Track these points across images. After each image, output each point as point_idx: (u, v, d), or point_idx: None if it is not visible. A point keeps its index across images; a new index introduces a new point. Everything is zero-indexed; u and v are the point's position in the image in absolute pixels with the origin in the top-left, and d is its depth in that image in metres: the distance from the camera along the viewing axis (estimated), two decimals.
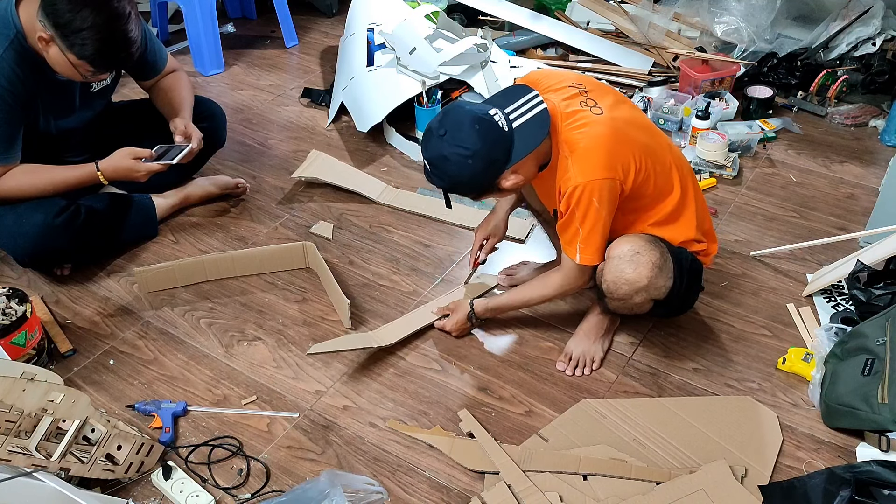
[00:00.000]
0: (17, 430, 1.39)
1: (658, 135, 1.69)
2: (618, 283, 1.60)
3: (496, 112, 1.52)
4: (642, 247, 1.58)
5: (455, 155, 1.50)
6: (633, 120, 1.63)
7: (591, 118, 1.56)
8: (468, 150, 1.49)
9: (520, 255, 2.12)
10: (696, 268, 1.71)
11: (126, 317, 1.95)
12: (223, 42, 3.14)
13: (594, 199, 1.53)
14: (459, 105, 1.56)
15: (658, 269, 1.58)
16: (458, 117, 1.52)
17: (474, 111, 1.52)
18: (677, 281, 1.63)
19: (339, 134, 2.70)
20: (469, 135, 1.49)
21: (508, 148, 1.52)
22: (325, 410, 1.70)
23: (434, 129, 1.54)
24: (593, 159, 1.53)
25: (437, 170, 1.55)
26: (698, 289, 1.78)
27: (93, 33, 1.68)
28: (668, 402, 1.69)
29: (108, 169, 1.95)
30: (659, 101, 2.68)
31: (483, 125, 1.50)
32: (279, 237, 2.22)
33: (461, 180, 1.55)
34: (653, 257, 1.58)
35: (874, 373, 1.57)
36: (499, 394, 1.73)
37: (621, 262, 1.59)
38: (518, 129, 1.53)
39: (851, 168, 2.48)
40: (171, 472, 1.53)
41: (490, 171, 1.53)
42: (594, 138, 1.54)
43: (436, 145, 1.53)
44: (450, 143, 1.51)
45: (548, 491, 1.47)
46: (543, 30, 3.02)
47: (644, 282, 1.57)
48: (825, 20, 2.92)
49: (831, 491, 1.39)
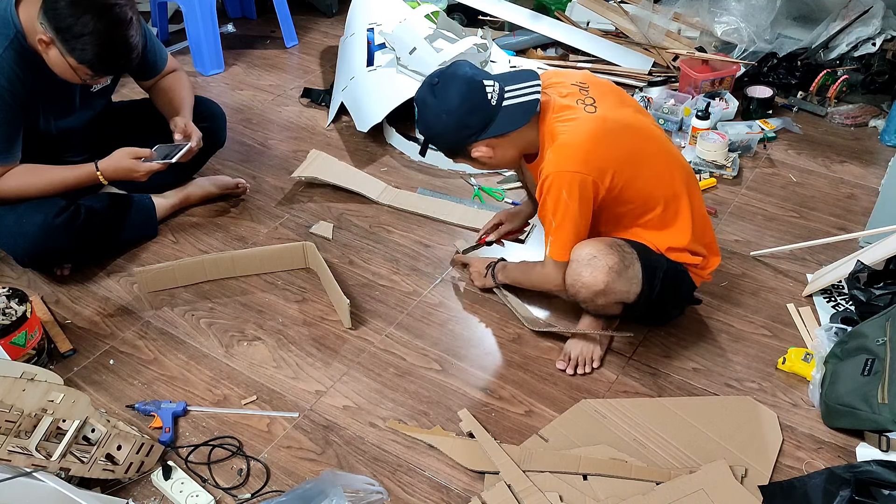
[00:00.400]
0: (17, 430, 1.39)
1: (659, 141, 1.68)
2: (576, 286, 1.64)
3: (493, 84, 1.57)
4: (600, 251, 1.60)
5: (434, 106, 1.58)
6: (631, 123, 1.63)
7: (580, 115, 1.58)
8: (445, 106, 1.56)
9: (519, 254, 2.12)
10: (677, 277, 1.70)
11: (126, 317, 1.95)
12: (223, 42, 3.13)
13: (563, 190, 1.55)
14: (463, 64, 1.61)
15: (616, 274, 1.59)
16: (455, 74, 1.58)
17: (470, 74, 1.57)
18: (646, 287, 1.63)
19: (339, 134, 2.70)
20: (453, 93, 1.56)
21: (487, 120, 1.57)
22: (325, 410, 1.70)
23: (432, 75, 1.61)
24: (569, 152, 1.55)
25: (419, 113, 1.63)
26: (680, 301, 1.79)
27: (93, 39, 1.68)
28: (668, 402, 1.69)
29: (108, 169, 1.95)
30: (659, 101, 2.68)
31: (471, 89, 1.55)
32: (279, 237, 2.22)
33: (433, 131, 1.64)
34: (609, 262, 1.59)
35: (874, 373, 1.57)
36: (499, 394, 1.73)
37: (579, 266, 1.62)
38: (506, 107, 1.57)
39: (851, 168, 2.48)
40: (171, 472, 1.53)
41: (460, 133, 1.60)
42: (574, 133, 1.56)
43: (425, 89, 1.61)
44: (435, 94, 1.58)
45: (548, 491, 1.47)
46: (543, 30, 3.02)
47: (600, 286, 1.60)
48: (825, 20, 2.92)
49: (831, 491, 1.39)
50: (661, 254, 1.67)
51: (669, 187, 1.65)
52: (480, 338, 1.88)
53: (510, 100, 1.57)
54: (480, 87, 1.56)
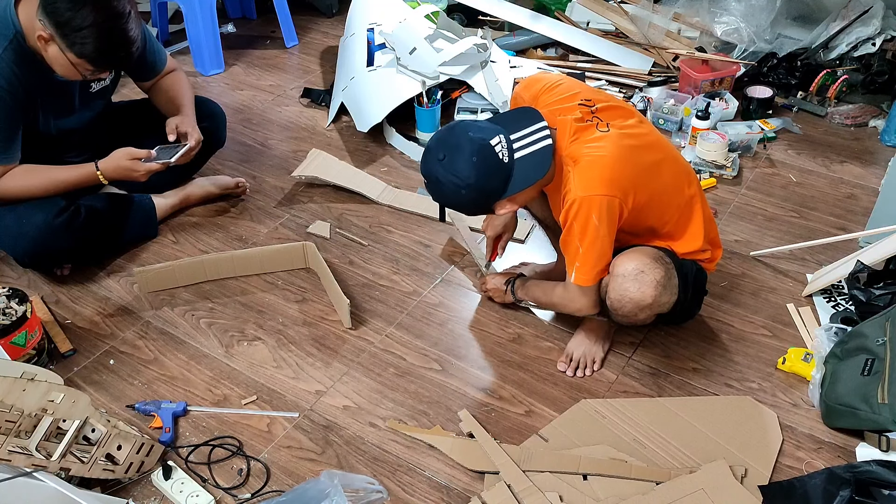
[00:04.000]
0: (17, 430, 1.39)
1: (665, 148, 1.67)
2: (622, 302, 1.58)
3: (499, 140, 1.51)
4: (647, 265, 1.56)
5: (449, 182, 1.51)
6: (641, 137, 1.60)
7: (598, 135, 1.54)
8: (462, 180, 1.50)
9: (520, 255, 2.12)
10: (700, 278, 1.71)
11: (126, 317, 1.95)
12: (223, 42, 3.13)
13: (593, 214, 1.50)
14: (462, 128, 1.54)
15: (662, 287, 1.56)
16: (459, 143, 1.50)
17: (476, 139, 1.50)
18: (682, 295, 1.62)
19: (339, 134, 2.70)
20: (465, 165, 1.49)
21: (506, 179, 1.52)
22: (325, 410, 1.70)
23: (433, 149, 1.54)
24: (595, 175, 1.51)
25: (432, 188, 1.57)
26: (701, 299, 1.78)
27: (92, 31, 1.68)
28: (668, 402, 1.69)
29: (108, 169, 1.95)
30: (659, 101, 2.68)
31: (481, 157, 1.49)
32: (279, 237, 2.22)
33: (453, 204, 1.59)
34: (657, 275, 1.55)
35: (874, 373, 1.57)
36: (499, 394, 1.73)
37: (626, 281, 1.56)
38: (520, 160, 1.52)
39: (851, 168, 2.48)
40: (171, 472, 1.53)
41: (483, 200, 1.55)
42: (598, 155, 1.52)
43: (433, 167, 1.54)
44: (445, 169, 1.51)
45: (548, 491, 1.47)
46: (543, 30, 3.02)
47: (649, 300, 1.56)
48: (825, 20, 2.92)
49: (831, 491, 1.39)
50: (684, 258, 1.67)
51: (682, 195, 1.65)
52: (480, 338, 1.88)
53: (521, 150, 1.52)
54: (490, 149, 1.49)
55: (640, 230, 1.66)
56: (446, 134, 1.54)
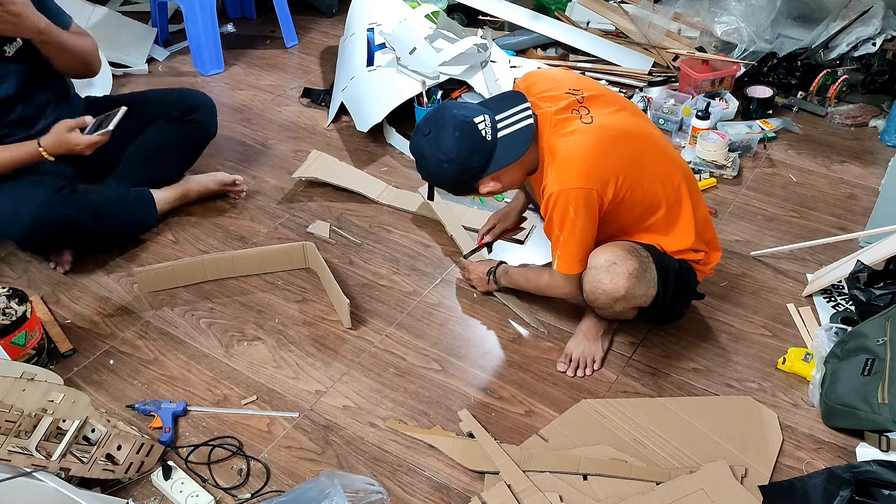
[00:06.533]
0: (17, 430, 1.39)
1: (657, 143, 1.67)
2: (595, 293, 1.62)
3: (483, 119, 1.56)
4: (619, 256, 1.59)
5: (433, 157, 1.57)
6: (628, 129, 1.61)
7: (577, 127, 1.57)
8: (444, 154, 1.55)
9: (519, 256, 2.12)
10: (685, 277, 1.70)
11: (126, 317, 1.95)
12: (223, 42, 3.13)
13: (570, 207, 1.54)
14: (448, 107, 1.60)
15: (635, 279, 1.58)
16: (444, 119, 1.56)
17: (460, 116, 1.56)
18: (661, 290, 1.63)
19: (339, 134, 2.70)
20: (448, 140, 1.55)
21: (488, 156, 1.57)
22: (325, 410, 1.70)
23: (421, 126, 1.60)
24: (572, 168, 1.54)
25: (418, 165, 1.64)
26: (688, 298, 1.78)
27: None
28: (668, 402, 1.69)
29: (50, 144, 1.91)
30: (659, 101, 2.68)
31: (464, 132, 1.54)
32: (279, 237, 2.22)
33: (437, 180, 1.65)
34: (629, 267, 1.58)
35: (874, 373, 1.57)
36: (499, 394, 1.73)
37: (598, 273, 1.60)
38: (502, 139, 1.57)
39: (851, 168, 2.48)
40: (171, 472, 1.53)
41: (465, 176, 1.59)
42: (574, 148, 1.55)
43: (419, 142, 1.61)
44: (430, 144, 1.57)
45: (548, 491, 1.47)
46: (543, 30, 3.02)
47: (621, 292, 1.58)
48: (825, 20, 2.92)
49: (831, 491, 1.39)
50: (668, 255, 1.67)
51: (671, 189, 1.65)
52: (480, 338, 1.88)
53: (504, 129, 1.56)
54: (472, 126, 1.54)
55: (625, 223, 1.66)
56: (434, 113, 1.60)
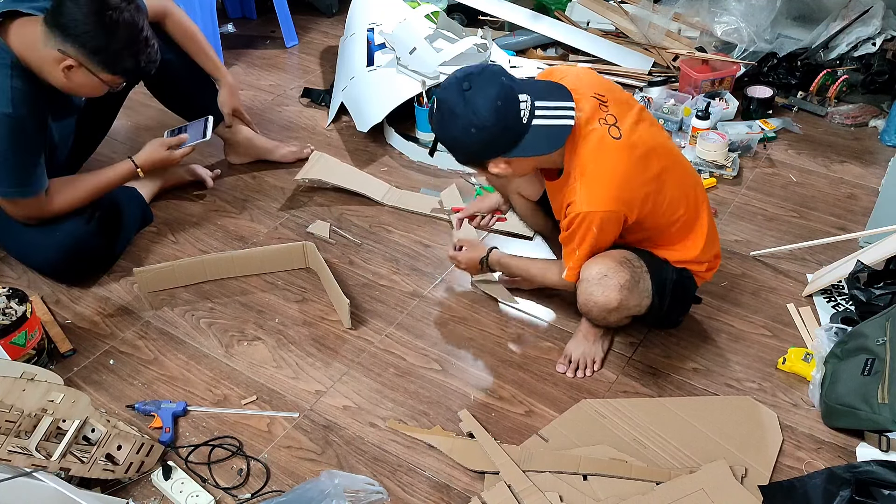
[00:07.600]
0: (17, 430, 1.39)
1: (677, 157, 1.65)
2: (588, 305, 1.62)
3: (526, 99, 1.44)
4: (611, 269, 1.57)
5: (464, 117, 1.42)
6: (654, 146, 1.57)
7: (607, 143, 1.50)
8: (478, 119, 1.41)
9: (527, 251, 2.10)
10: (687, 286, 1.70)
11: (126, 317, 1.95)
12: (223, 42, 3.13)
13: (594, 227, 1.53)
14: (498, 71, 1.44)
15: (628, 291, 1.57)
16: (490, 81, 1.41)
17: (508, 85, 1.42)
18: (656, 300, 1.62)
19: (339, 134, 2.70)
20: (487, 106, 1.40)
21: (517, 138, 1.45)
22: (325, 410, 1.70)
23: (460, 78, 1.43)
24: (602, 191, 1.50)
25: (441, 116, 1.46)
26: (686, 307, 1.78)
27: (130, 50, 1.75)
28: (668, 402, 1.69)
29: (146, 162, 2.02)
30: (659, 101, 2.68)
31: (506, 104, 1.41)
32: (279, 237, 2.22)
33: (454, 143, 1.49)
34: (621, 279, 1.56)
35: (874, 373, 1.57)
36: (499, 394, 1.73)
37: (590, 286, 1.59)
38: (535, 127, 1.45)
39: (851, 168, 2.48)
40: (171, 472, 1.53)
41: (486, 149, 1.47)
42: (606, 171, 1.50)
43: (452, 97, 1.43)
44: (466, 102, 1.41)
45: (548, 491, 1.47)
46: (543, 30, 3.02)
47: (614, 304, 1.58)
48: (825, 20, 2.92)
49: (831, 491, 1.39)
50: (666, 264, 1.66)
51: (691, 205, 1.64)
52: (480, 337, 1.88)
53: (541, 119, 1.44)
54: (516, 101, 1.41)
55: (642, 237, 1.66)
56: (479, 69, 1.43)
